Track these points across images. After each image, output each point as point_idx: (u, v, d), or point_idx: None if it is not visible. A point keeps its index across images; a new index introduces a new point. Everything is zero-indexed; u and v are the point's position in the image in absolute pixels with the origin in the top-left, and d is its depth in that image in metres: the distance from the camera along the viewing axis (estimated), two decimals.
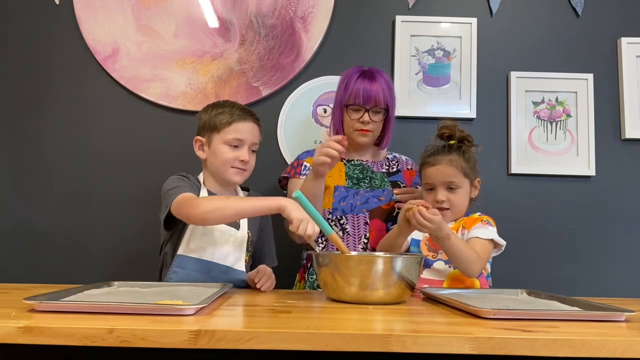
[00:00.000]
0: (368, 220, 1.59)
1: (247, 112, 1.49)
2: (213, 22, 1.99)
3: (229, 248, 1.42)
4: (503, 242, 1.40)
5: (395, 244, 1.42)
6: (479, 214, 1.48)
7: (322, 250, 1.56)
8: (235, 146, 1.44)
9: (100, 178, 1.95)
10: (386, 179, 1.66)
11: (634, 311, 0.93)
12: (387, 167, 1.70)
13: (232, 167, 1.45)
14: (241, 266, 1.43)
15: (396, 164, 1.72)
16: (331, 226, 1.45)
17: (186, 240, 1.39)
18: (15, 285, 1.30)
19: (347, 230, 1.58)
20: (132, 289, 1.14)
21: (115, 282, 1.19)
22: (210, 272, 1.39)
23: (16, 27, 2.00)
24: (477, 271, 1.33)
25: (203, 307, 0.89)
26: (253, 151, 1.49)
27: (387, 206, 1.61)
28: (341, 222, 1.58)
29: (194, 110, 1.96)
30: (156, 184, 1.93)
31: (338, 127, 1.66)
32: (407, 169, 1.72)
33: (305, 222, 1.18)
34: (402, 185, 1.66)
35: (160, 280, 1.44)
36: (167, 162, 1.95)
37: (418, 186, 1.64)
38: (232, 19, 1.99)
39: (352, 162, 1.68)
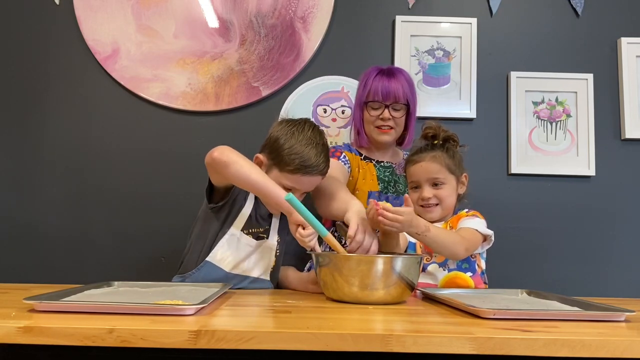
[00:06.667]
0: None
1: (318, 166, 1.34)
2: (213, 22, 1.99)
3: (256, 258, 1.38)
4: (489, 232, 1.38)
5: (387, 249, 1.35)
6: (466, 210, 1.47)
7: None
8: (289, 189, 1.32)
9: (100, 178, 1.95)
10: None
11: (634, 311, 0.93)
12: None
13: None
14: (267, 275, 1.41)
15: None
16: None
17: (218, 248, 1.35)
18: (15, 285, 1.30)
19: None
20: (132, 289, 1.14)
21: (115, 282, 1.19)
22: (234, 282, 1.34)
23: (16, 27, 2.00)
24: (463, 251, 1.30)
25: (203, 307, 0.89)
26: (303, 193, 1.40)
27: None
28: None
29: (194, 110, 1.97)
30: (156, 184, 1.95)
31: (359, 126, 1.63)
32: None
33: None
34: None
35: (182, 262, 1.43)
36: (167, 162, 1.95)
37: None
38: (232, 19, 1.99)
39: (382, 164, 1.65)
